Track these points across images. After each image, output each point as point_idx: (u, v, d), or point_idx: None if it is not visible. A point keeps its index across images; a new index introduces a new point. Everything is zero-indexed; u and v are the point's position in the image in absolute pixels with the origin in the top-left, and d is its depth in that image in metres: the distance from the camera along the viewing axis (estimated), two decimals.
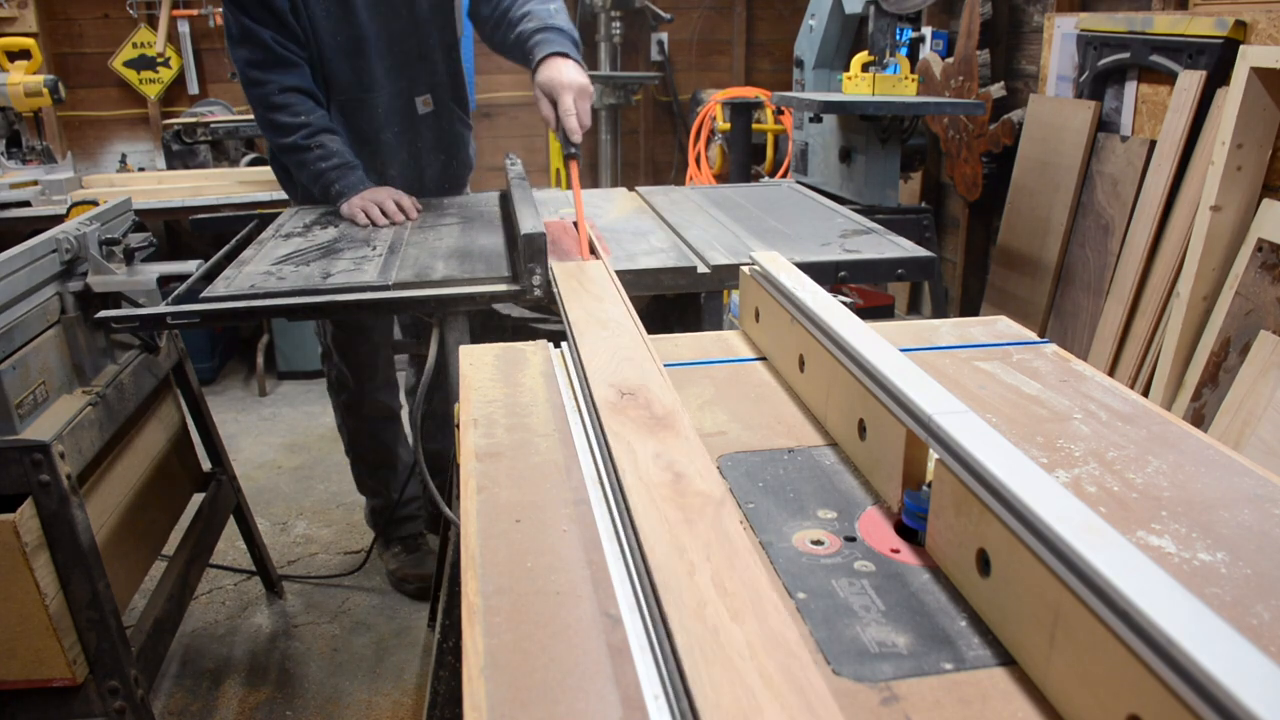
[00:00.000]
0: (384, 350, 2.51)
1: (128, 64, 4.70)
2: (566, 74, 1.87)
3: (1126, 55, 3.07)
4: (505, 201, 2.22)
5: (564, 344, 1.24)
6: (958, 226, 4.20)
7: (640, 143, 5.31)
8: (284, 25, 2.08)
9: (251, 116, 4.31)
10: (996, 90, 3.80)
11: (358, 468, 2.67)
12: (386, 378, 2.56)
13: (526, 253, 1.57)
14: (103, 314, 1.62)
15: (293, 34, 2.10)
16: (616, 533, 0.79)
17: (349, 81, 2.21)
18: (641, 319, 1.25)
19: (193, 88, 4.78)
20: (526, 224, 1.62)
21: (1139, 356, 2.95)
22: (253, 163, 4.05)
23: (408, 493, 2.64)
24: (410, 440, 2.69)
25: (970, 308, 4.09)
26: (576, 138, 1.85)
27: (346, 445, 2.64)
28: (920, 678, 0.62)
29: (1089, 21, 3.27)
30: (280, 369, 4.28)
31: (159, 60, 4.70)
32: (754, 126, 4.16)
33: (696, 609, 0.61)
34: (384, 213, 2.10)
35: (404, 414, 2.70)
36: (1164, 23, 2.91)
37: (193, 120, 4.05)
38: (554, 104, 1.87)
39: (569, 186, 1.86)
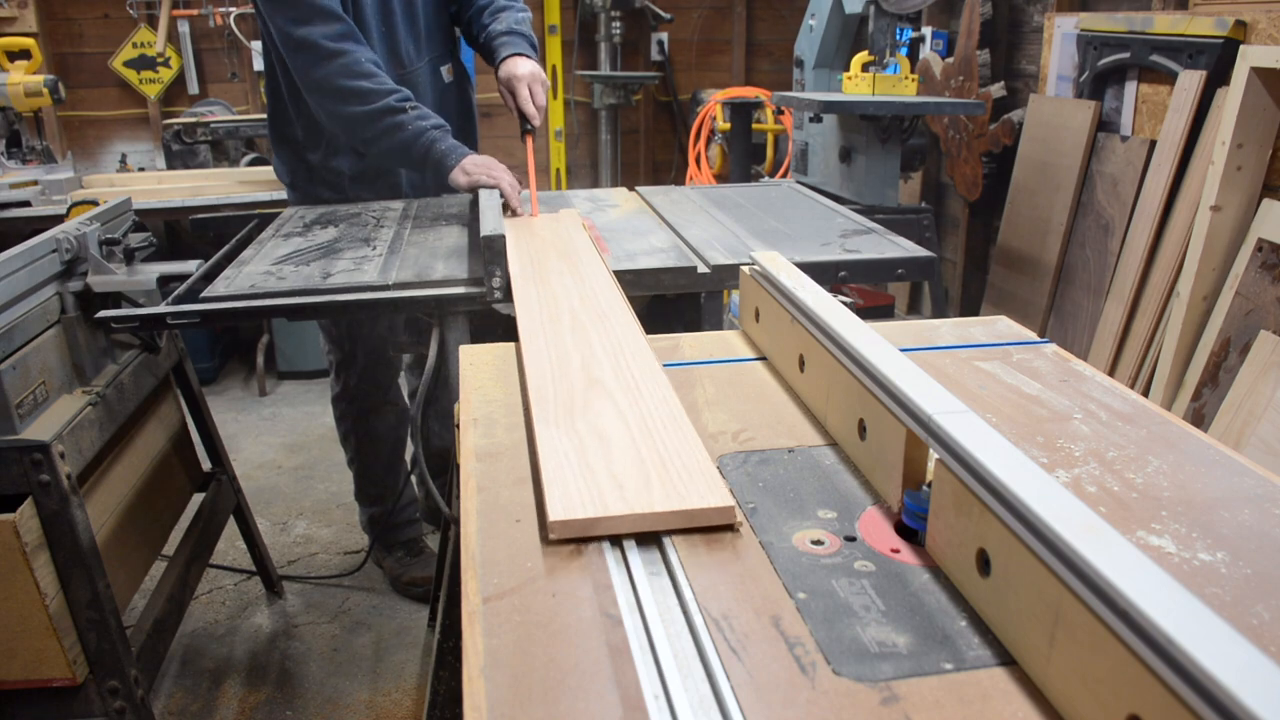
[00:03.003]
0: (410, 351, 2.53)
1: (128, 64, 4.70)
2: (521, 67, 2.17)
3: (1126, 55, 3.07)
4: (474, 204, 2.23)
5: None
6: (958, 226, 4.20)
7: (640, 143, 5.31)
8: (340, 7, 2.08)
9: (250, 116, 4.37)
10: (996, 90, 3.80)
11: (364, 477, 2.64)
12: (395, 382, 2.58)
13: (486, 255, 1.57)
14: (103, 314, 1.62)
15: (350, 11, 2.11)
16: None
17: (386, 59, 2.22)
18: (641, 319, 1.25)
19: (193, 88, 4.78)
20: (487, 226, 1.62)
21: (1139, 356, 2.95)
22: (253, 163, 4.05)
23: (405, 497, 2.64)
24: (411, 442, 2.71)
25: (970, 308, 4.09)
26: (535, 120, 2.17)
27: (352, 456, 2.62)
28: (920, 678, 0.62)
29: (1089, 21, 3.27)
30: (280, 369, 4.28)
31: (159, 60, 4.70)
32: (754, 126, 4.16)
33: None
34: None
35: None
36: (1164, 23, 2.91)
37: (193, 120, 4.05)
38: (513, 94, 2.17)
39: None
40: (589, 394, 1.00)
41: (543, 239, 1.72)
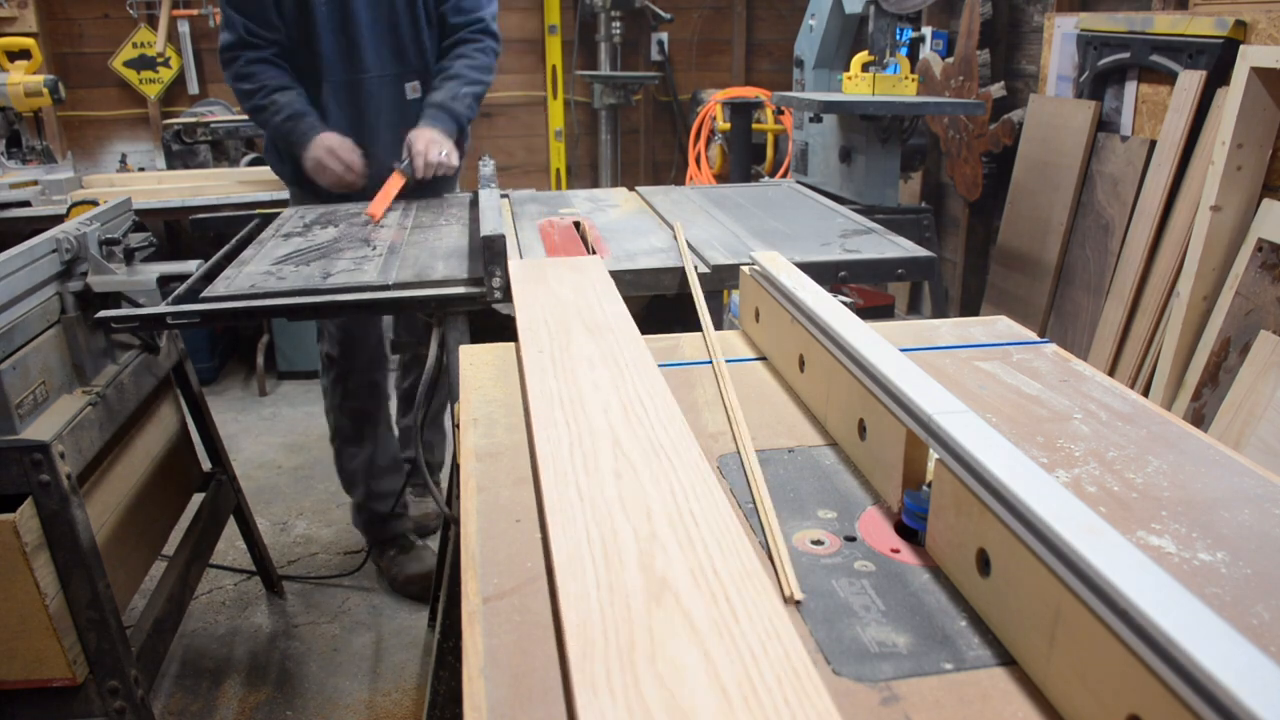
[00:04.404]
0: (375, 329, 2.55)
1: (128, 64, 4.70)
2: (420, 134, 2.30)
3: (1126, 55, 3.07)
4: (474, 204, 2.23)
5: None
6: (958, 226, 4.20)
7: (640, 143, 5.31)
8: (261, 14, 2.27)
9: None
10: (996, 90, 3.80)
11: (339, 445, 2.64)
12: (374, 356, 2.57)
13: (486, 255, 1.57)
14: (103, 314, 1.62)
15: (266, 23, 2.30)
16: None
17: (340, 61, 2.34)
18: (641, 319, 1.24)
19: (193, 88, 4.78)
20: (487, 226, 1.62)
21: (1139, 356, 2.95)
22: (253, 163, 4.05)
23: (388, 487, 2.62)
24: (395, 429, 2.75)
25: (970, 308, 4.09)
26: (417, 173, 2.26)
27: (332, 430, 2.63)
28: (920, 677, 0.62)
29: (1089, 21, 3.27)
30: (280, 369, 4.28)
31: (159, 60, 4.70)
32: (754, 126, 4.16)
33: None
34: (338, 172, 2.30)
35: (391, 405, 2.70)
36: (1164, 23, 2.91)
37: (193, 120, 4.05)
38: (409, 147, 2.27)
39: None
40: (656, 615, 0.63)
41: (561, 298, 1.29)
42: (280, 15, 2.29)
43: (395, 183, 2.22)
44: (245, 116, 4.26)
